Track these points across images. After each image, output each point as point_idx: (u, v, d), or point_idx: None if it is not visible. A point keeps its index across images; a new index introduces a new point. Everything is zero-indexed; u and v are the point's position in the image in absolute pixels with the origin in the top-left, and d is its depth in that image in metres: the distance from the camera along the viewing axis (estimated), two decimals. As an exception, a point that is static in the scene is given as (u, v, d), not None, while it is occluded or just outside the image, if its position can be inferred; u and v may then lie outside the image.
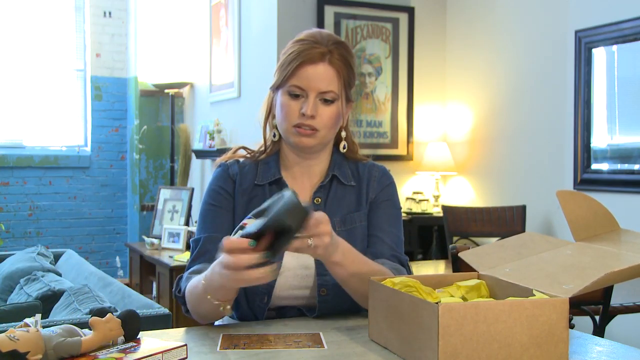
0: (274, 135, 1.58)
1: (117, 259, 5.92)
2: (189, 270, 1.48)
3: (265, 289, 1.48)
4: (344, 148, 1.60)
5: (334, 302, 1.50)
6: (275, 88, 1.53)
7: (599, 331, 2.30)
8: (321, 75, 1.47)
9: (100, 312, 1.11)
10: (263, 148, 1.61)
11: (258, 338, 1.28)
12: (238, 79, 4.78)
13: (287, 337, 1.29)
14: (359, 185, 1.59)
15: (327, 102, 1.48)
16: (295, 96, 1.48)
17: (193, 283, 1.39)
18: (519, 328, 1.07)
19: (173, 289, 1.51)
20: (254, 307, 1.51)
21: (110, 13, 5.81)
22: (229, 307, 1.34)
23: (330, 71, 1.47)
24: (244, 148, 1.64)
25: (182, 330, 1.39)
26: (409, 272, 1.56)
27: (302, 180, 1.58)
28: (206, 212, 1.54)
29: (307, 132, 1.48)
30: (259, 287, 1.47)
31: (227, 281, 1.23)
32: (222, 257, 1.22)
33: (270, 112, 1.59)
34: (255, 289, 1.48)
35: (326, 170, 1.58)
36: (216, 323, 1.62)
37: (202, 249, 1.49)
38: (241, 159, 1.60)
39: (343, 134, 1.60)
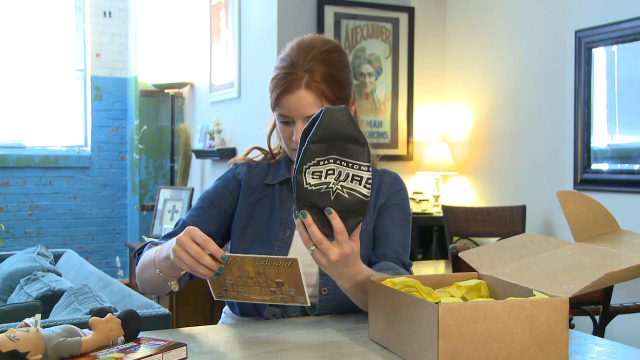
0: (281, 147, 1.64)
1: (117, 259, 5.92)
2: (155, 241, 1.52)
3: None
4: None
5: (335, 302, 1.51)
6: (272, 110, 1.56)
7: (599, 331, 2.30)
8: (300, 103, 1.46)
9: (100, 312, 1.11)
10: (271, 153, 1.65)
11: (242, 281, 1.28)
12: (238, 79, 4.78)
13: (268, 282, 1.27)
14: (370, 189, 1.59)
15: None
16: (285, 122, 1.51)
17: (149, 252, 1.44)
18: (519, 328, 1.07)
19: (135, 251, 1.56)
20: (257, 306, 1.52)
21: (110, 13, 5.81)
22: (174, 282, 1.39)
23: (309, 96, 1.46)
24: (258, 148, 1.67)
25: (182, 330, 1.39)
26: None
27: None
28: (202, 202, 1.60)
29: None
30: None
31: (176, 259, 1.26)
32: (186, 241, 1.24)
33: (274, 127, 1.63)
34: None
35: None
36: (219, 322, 1.63)
37: (178, 232, 1.50)
38: (253, 162, 1.64)
39: None
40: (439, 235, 4.46)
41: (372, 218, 1.59)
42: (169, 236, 1.51)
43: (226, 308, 1.65)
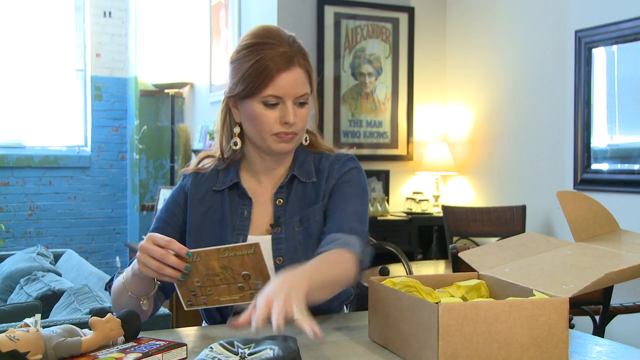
0: (235, 144, 1.53)
1: (117, 259, 5.92)
2: (122, 270, 1.48)
3: None
4: (305, 140, 1.55)
5: None
6: (241, 98, 1.46)
7: (599, 331, 2.30)
8: (295, 81, 1.42)
9: (100, 312, 1.11)
10: (222, 157, 1.56)
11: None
12: (238, 79, 4.77)
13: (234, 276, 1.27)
14: (319, 180, 1.54)
15: (302, 104, 1.45)
16: (271, 105, 1.43)
17: (118, 279, 1.42)
18: (519, 328, 1.07)
19: (106, 283, 1.53)
20: (223, 314, 1.51)
21: (110, 13, 5.81)
22: (146, 302, 1.37)
23: (302, 74, 1.44)
24: (209, 156, 1.60)
25: (182, 330, 1.39)
26: (365, 240, 1.47)
27: (267, 182, 1.55)
28: (157, 224, 1.56)
29: (289, 138, 1.46)
30: None
31: (142, 266, 1.26)
32: (149, 246, 1.24)
33: (225, 121, 1.54)
34: None
35: (287, 170, 1.55)
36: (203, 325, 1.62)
37: None
38: (202, 170, 1.57)
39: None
40: (439, 235, 4.46)
41: (320, 207, 1.51)
42: (130, 264, 1.45)
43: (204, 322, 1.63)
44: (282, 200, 1.52)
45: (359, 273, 1.39)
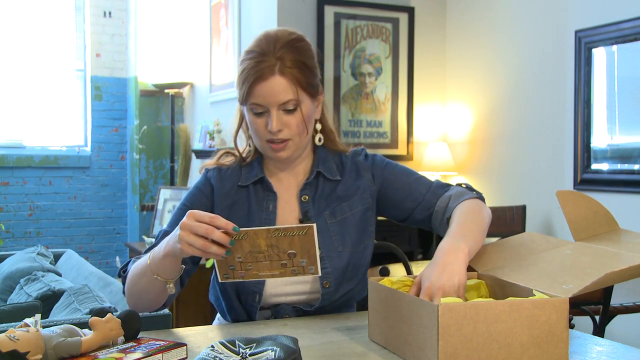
0: (249, 145, 1.60)
1: (117, 259, 5.92)
2: (139, 257, 1.47)
3: (256, 288, 1.49)
4: (319, 141, 1.59)
5: (334, 293, 1.51)
6: (241, 104, 1.52)
7: (599, 331, 2.30)
8: (275, 89, 1.44)
9: (100, 312, 1.11)
10: (241, 157, 1.60)
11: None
12: (238, 79, 4.77)
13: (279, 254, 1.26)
14: (345, 177, 1.59)
15: (289, 111, 1.47)
16: (258, 114, 1.47)
17: (140, 261, 1.40)
18: (519, 328, 1.07)
19: (119, 268, 1.51)
20: (246, 306, 1.51)
21: (110, 13, 5.81)
22: (172, 285, 1.35)
23: (283, 81, 1.44)
24: (229, 152, 1.63)
25: (182, 330, 1.39)
26: (470, 188, 1.61)
27: (288, 180, 1.58)
28: (178, 210, 1.56)
29: (280, 146, 1.49)
30: (249, 286, 1.48)
31: (185, 245, 1.22)
32: (192, 223, 1.22)
33: (241, 123, 1.59)
34: (247, 289, 1.48)
35: (310, 167, 1.59)
36: (214, 323, 1.63)
37: (160, 242, 1.44)
38: (224, 165, 1.60)
39: (318, 126, 1.59)
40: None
41: (358, 201, 1.57)
42: (151, 248, 1.44)
43: (218, 315, 1.64)
44: (307, 197, 1.55)
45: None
